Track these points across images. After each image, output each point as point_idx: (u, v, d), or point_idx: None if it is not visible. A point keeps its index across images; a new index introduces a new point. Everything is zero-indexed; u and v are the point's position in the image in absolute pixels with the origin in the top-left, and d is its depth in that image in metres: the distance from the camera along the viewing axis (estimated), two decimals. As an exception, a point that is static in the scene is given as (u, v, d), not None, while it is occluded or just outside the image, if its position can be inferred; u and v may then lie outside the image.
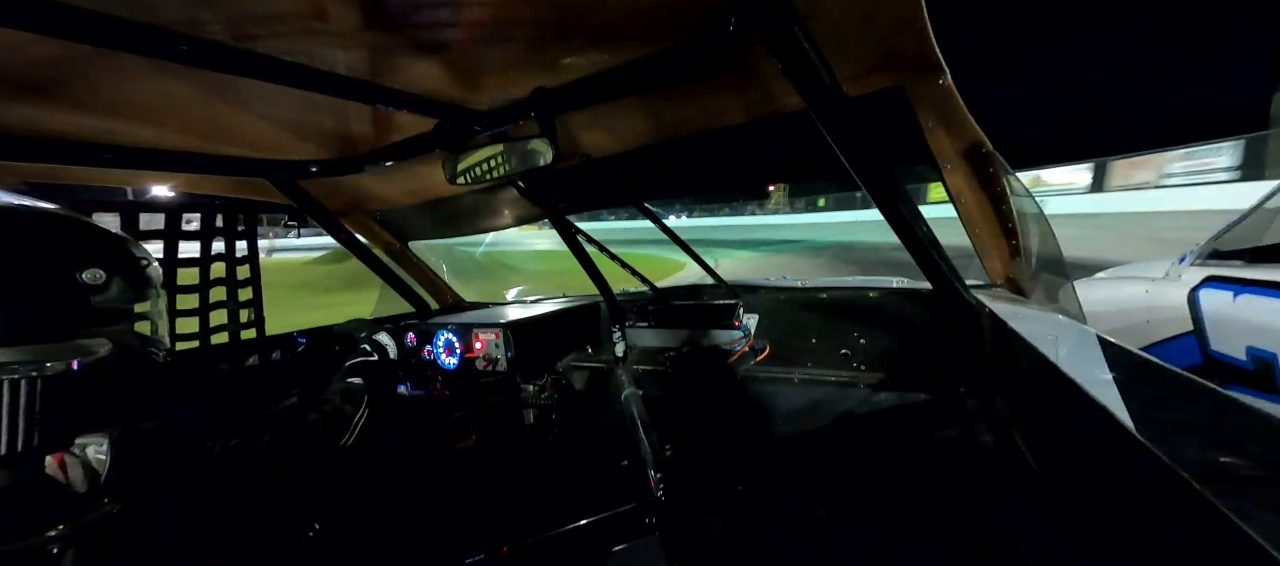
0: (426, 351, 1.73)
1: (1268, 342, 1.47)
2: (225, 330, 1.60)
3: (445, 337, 1.69)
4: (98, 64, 0.76)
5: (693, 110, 1.13)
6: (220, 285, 1.58)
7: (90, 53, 0.71)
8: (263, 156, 1.29)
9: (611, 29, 0.78)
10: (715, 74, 0.81)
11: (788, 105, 1.05)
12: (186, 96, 0.91)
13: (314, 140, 1.21)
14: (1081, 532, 0.56)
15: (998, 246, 1.24)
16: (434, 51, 0.81)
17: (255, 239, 1.66)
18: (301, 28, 0.71)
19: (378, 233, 1.98)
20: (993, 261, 1.29)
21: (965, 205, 1.16)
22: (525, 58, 0.86)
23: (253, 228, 1.66)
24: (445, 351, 1.69)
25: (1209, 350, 1.68)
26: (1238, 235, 1.74)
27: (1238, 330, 1.56)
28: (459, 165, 1.05)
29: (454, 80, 0.92)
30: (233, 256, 1.61)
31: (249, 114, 1.03)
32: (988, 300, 1.11)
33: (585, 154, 1.37)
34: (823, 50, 0.72)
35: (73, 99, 0.88)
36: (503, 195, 1.70)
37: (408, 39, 0.77)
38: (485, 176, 1.02)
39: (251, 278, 1.64)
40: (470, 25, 0.75)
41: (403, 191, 1.72)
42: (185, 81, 0.86)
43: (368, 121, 1.14)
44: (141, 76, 0.82)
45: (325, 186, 1.58)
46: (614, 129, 1.24)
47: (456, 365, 1.67)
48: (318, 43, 0.75)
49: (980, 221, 1.19)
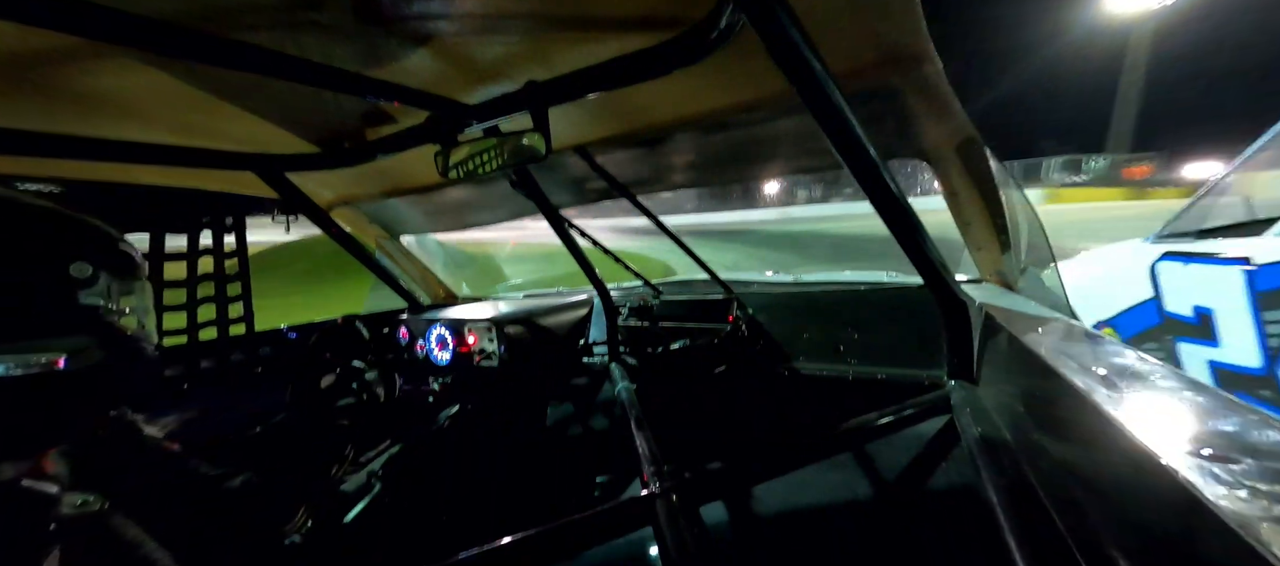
0: (419, 346, 1.72)
1: (1207, 300, 1.90)
2: (213, 325, 1.58)
3: (438, 333, 1.68)
4: (79, 55, 0.75)
5: (687, 103, 1.12)
6: (208, 281, 1.56)
7: (71, 43, 0.69)
8: (250, 150, 1.28)
9: (605, 21, 0.77)
10: (709, 66, 0.81)
11: (781, 98, 1.05)
12: (172, 89, 0.90)
13: (302, 133, 1.20)
14: (1069, 524, 0.57)
15: (988, 241, 1.25)
16: (425, 42, 0.80)
17: (244, 233, 1.64)
18: (290, 18, 0.69)
19: (368, 227, 1.97)
20: (983, 255, 1.30)
21: (956, 199, 1.17)
22: (517, 50, 0.85)
23: (241, 221, 1.63)
24: (438, 346, 1.68)
25: (1165, 310, 2.09)
26: (1187, 220, 2.19)
27: (1186, 292, 1.98)
28: (451, 158, 1.04)
29: (445, 72, 0.91)
30: (221, 251, 1.59)
31: (236, 106, 1.01)
32: (977, 294, 1.12)
33: (579, 147, 1.36)
34: (816, 42, 0.72)
35: (54, 91, 0.86)
36: (495, 189, 1.69)
37: (398, 30, 0.76)
38: (478, 170, 1.01)
39: (240, 272, 1.62)
40: (461, 16, 0.74)
41: (393, 185, 1.70)
42: (170, 73, 0.84)
43: (357, 114, 1.12)
44: (125, 68, 0.80)
45: (314, 180, 1.56)
46: (607, 122, 1.23)
47: (449, 360, 1.66)
48: (306, 33, 0.74)
49: (971, 215, 1.20)
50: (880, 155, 0.83)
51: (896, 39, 0.84)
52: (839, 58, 0.85)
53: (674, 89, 1.02)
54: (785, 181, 28.41)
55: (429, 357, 1.71)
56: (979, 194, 1.15)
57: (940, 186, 1.16)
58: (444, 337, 1.66)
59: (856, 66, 0.91)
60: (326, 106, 1.07)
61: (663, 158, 1.40)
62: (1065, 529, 0.57)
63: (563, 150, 1.34)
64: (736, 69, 0.93)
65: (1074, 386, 0.57)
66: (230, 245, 1.61)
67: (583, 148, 1.36)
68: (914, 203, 0.90)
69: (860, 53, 0.88)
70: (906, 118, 1.02)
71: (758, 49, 0.70)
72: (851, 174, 0.87)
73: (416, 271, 2.20)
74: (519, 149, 0.95)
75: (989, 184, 1.12)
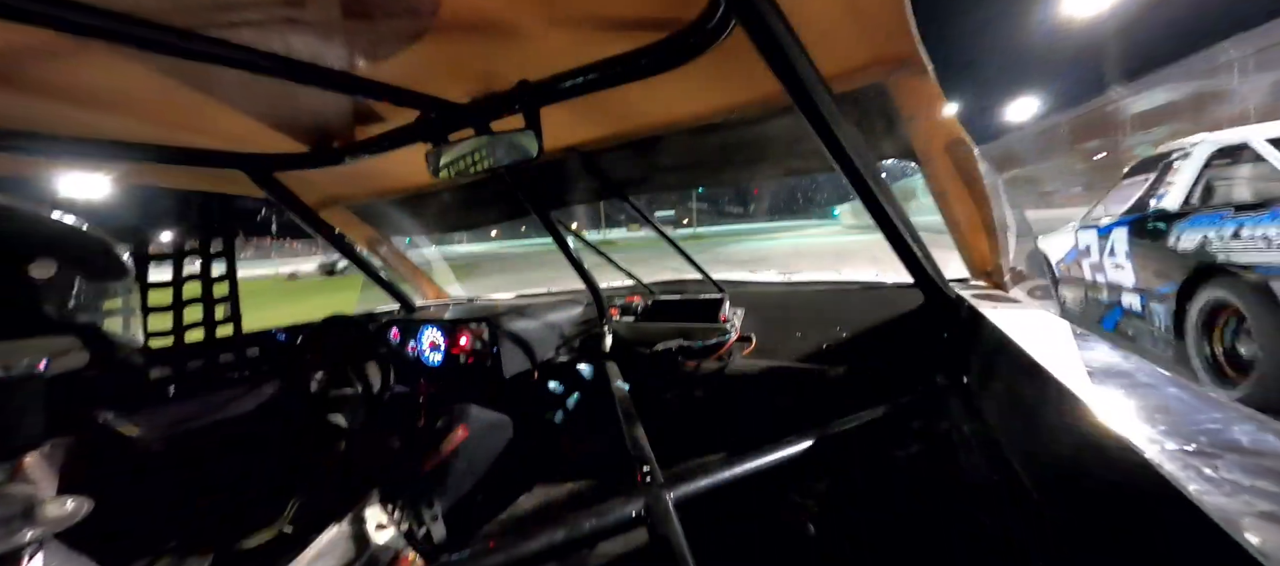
0: (410, 347, 1.71)
1: (1085, 243, 4.15)
2: (199, 326, 1.56)
3: (429, 333, 1.67)
4: (64, 51, 0.73)
5: (679, 104, 1.13)
6: (195, 280, 1.54)
7: (56, 39, 0.68)
8: (238, 149, 1.26)
9: (598, 20, 0.77)
10: (701, 67, 0.81)
11: (773, 100, 1.06)
12: (159, 86, 0.88)
13: (291, 131, 1.18)
14: (1058, 521, 0.58)
15: (977, 241, 1.27)
16: (416, 40, 0.79)
17: (232, 233, 1.62)
18: (279, 15, 0.69)
19: (359, 227, 1.95)
20: (972, 255, 1.31)
21: (946, 200, 1.18)
22: (509, 49, 0.85)
23: (228, 221, 1.61)
24: (429, 347, 1.67)
25: (1077, 252, 4.29)
26: (1089, 217, 4.23)
27: (1083, 244, 4.20)
28: (442, 159, 1.03)
29: (437, 71, 0.90)
30: (208, 251, 1.57)
31: (224, 104, 1.00)
32: (966, 294, 1.14)
33: (571, 148, 1.36)
34: (806, 43, 0.73)
35: (37, 88, 0.84)
36: (487, 190, 1.68)
37: (388, 28, 0.75)
38: (469, 170, 1.00)
39: (228, 272, 1.60)
40: (453, 15, 0.73)
41: (384, 186, 1.68)
42: (157, 70, 0.83)
43: (348, 113, 1.11)
44: (111, 65, 0.79)
45: (303, 179, 1.54)
46: (600, 122, 1.23)
47: (441, 361, 1.65)
48: (296, 31, 0.73)
49: (960, 216, 1.21)
50: (870, 155, 0.84)
51: (886, 40, 0.85)
52: (829, 59, 0.86)
53: (666, 90, 1.02)
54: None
55: (420, 358, 1.70)
56: (968, 193, 1.16)
57: (929, 186, 1.17)
58: (436, 338, 1.65)
59: (847, 68, 0.92)
60: (316, 105, 1.06)
61: (655, 158, 1.40)
62: (1053, 526, 0.58)
63: (555, 151, 1.33)
64: (728, 70, 0.93)
65: (1062, 384, 0.57)
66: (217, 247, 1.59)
67: (575, 148, 1.36)
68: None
69: (850, 54, 0.89)
70: (896, 118, 1.03)
71: (749, 50, 0.70)
72: (842, 174, 0.88)
73: (408, 272, 2.19)
74: (511, 149, 0.95)
75: (977, 183, 1.13)
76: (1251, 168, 2.95)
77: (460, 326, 1.60)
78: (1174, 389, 0.55)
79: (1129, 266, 3.48)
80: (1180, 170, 3.22)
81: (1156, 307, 3.26)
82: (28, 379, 0.61)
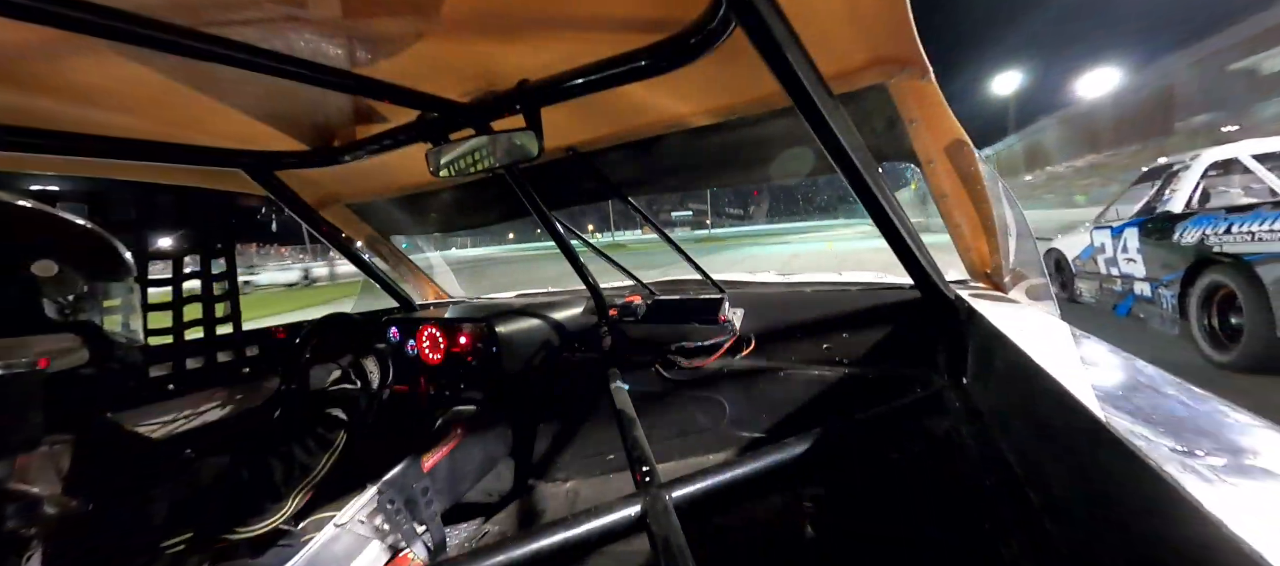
0: (410, 346, 1.71)
1: (1099, 241, 4.78)
2: (199, 325, 1.56)
3: (429, 333, 1.67)
4: (65, 48, 0.73)
5: (679, 105, 1.13)
6: (195, 278, 1.54)
7: (57, 36, 0.68)
8: (239, 146, 1.26)
9: (599, 21, 0.77)
10: (702, 68, 0.82)
11: (773, 101, 1.06)
12: (159, 84, 0.88)
13: (292, 130, 1.18)
14: (1058, 522, 0.58)
15: (977, 242, 1.27)
16: (417, 40, 0.79)
17: (232, 231, 1.62)
18: (281, 13, 0.69)
19: (359, 226, 1.95)
20: (972, 257, 1.31)
21: (946, 201, 1.18)
22: (510, 49, 0.85)
23: (228, 219, 1.61)
24: (429, 346, 1.67)
25: (1093, 249, 4.87)
26: (1104, 218, 4.81)
27: (1098, 242, 4.78)
28: (442, 158, 1.03)
29: (437, 71, 0.90)
30: (208, 248, 1.57)
31: (224, 102, 1.00)
32: (966, 295, 1.14)
33: (571, 148, 1.36)
34: (806, 44, 0.73)
35: (39, 85, 0.84)
36: (487, 189, 1.68)
37: (389, 27, 0.75)
38: (469, 169, 1.00)
39: (227, 271, 1.60)
40: (454, 14, 0.73)
41: (384, 185, 1.68)
42: (158, 68, 0.83)
43: (348, 111, 1.11)
44: (112, 62, 0.79)
45: (303, 178, 1.54)
46: (600, 123, 1.23)
47: (441, 360, 1.65)
48: (297, 29, 0.73)
49: (960, 217, 1.21)
50: (870, 157, 0.84)
51: (886, 41, 0.85)
52: (829, 60, 0.86)
53: (667, 90, 1.03)
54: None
55: (421, 357, 1.70)
56: (968, 195, 1.16)
57: (930, 187, 1.17)
58: (436, 337, 1.65)
59: (847, 69, 0.92)
60: (317, 104, 1.06)
61: (655, 159, 1.40)
62: (1053, 526, 0.58)
63: (555, 151, 1.33)
64: (729, 71, 0.93)
65: (1060, 385, 0.57)
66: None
67: (575, 148, 1.36)
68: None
69: (851, 55, 0.89)
70: (896, 119, 1.03)
71: (749, 51, 0.70)
72: (841, 175, 0.88)
73: (408, 271, 2.19)
74: (511, 148, 0.95)
75: (978, 185, 1.13)
76: (1241, 177, 4.07)
77: (460, 325, 1.60)
78: (1174, 390, 0.55)
79: (1140, 259, 4.16)
80: (1182, 179, 3.96)
81: (1164, 293, 3.89)
82: (28, 376, 0.61)
